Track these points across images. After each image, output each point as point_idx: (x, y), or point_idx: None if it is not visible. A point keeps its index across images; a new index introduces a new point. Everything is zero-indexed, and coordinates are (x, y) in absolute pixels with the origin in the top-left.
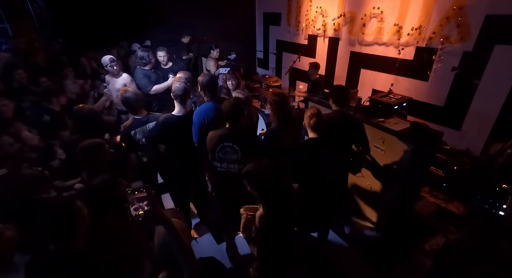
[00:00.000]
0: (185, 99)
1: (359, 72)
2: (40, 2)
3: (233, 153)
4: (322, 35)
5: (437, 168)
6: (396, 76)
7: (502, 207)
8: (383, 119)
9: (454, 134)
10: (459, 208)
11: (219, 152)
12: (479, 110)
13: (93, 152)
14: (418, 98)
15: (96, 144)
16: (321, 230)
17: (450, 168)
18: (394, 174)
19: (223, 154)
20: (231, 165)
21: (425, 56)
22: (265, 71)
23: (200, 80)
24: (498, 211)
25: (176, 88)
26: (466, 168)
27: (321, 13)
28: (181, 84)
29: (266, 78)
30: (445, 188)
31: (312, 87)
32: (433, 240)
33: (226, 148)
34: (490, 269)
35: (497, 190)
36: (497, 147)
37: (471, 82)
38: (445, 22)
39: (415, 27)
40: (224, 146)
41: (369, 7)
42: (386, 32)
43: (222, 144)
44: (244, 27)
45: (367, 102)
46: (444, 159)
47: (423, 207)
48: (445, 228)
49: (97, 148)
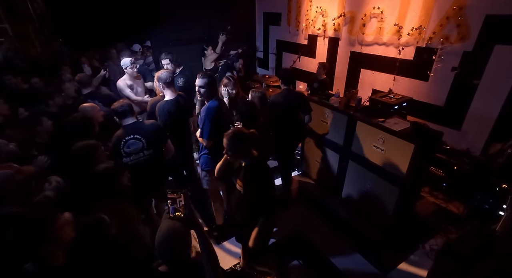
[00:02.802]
0: (172, 84)
1: (359, 72)
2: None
3: (138, 143)
4: (322, 35)
5: (437, 168)
6: (396, 76)
7: (502, 207)
8: (383, 119)
9: (454, 134)
10: (459, 208)
11: (124, 148)
12: (479, 110)
13: (89, 153)
14: (418, 98)
15: (92, 145)
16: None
17: (450, 168)
18: (394, 174)
19: (128, 147)
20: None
21: (425, 56)
22: (265, 71)
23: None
24: (498, 211)
25: (164, 76)
26: (466, 168)
27: (321, 13)
28: (165, 72)
29: (266, 78)
30: (445, 188)
31: (319, 87)
32: (433, 240)
33: (129, 141)
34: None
35: (497, 190)
36: (497, 147)
37: (471, 82)
38: (445, 22)
39: (415, 27)
40: (126, 140)
41: (369, 7)
42: (386, 32)
43: (124, 139)
44: (244, 27)
45: (367, 102)
46: (444, 159)
47: (423, 207)
48: (445, 228)
49: (93, 149)
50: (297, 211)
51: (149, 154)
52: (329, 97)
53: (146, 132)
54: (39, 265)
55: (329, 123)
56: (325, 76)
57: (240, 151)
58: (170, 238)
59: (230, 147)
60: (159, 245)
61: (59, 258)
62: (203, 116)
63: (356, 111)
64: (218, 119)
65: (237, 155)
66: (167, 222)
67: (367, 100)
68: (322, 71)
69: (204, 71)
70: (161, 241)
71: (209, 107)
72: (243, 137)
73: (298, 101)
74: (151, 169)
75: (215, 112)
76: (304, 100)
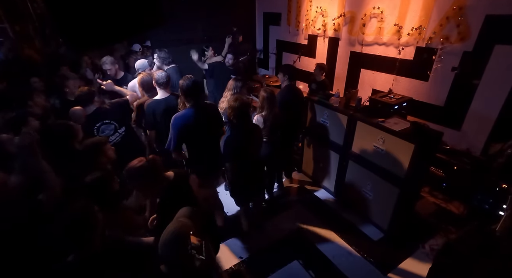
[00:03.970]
0: (168, 85)
1: (359, 72)
2: (40, 2)
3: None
4: (322, 35)
5: (437, 168)
6: (396, 76)
7: (502, 207)
8: (383, 119)
9: (454, 134)
10: (459, 208)
11: (99, 134)
12: (479, 110)
13: (99, 147)
14: (418, 98)
15: (101, 140)
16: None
17: (450, 168)
18: (394, 174)
19: (102, 132)
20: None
21: (425, 56)
22: (265, 71)
23: (181, 84)
24: (498, 211)
25: (159, 77)
26: (466, 168)
27: (321, 13)
28: (163, 73)
29: (266, 78)
30: (445, 188)
31: (318, 88)
32: (433, 240)
33: (101, 127)
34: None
35: (497, 190)
36: (497, 147)
37: (471, 82)
38: (445, 22)
39: (415, 27)
40: (98, 127)
41: (369, 7)
42: (386, 32)
43: (95, 127)
44: (244, 27)
45: (367, 102)
46: (444, 159)
47: (423, 207)
48: (445, 228)
49: (102, 144)
50: (297, 211)
51: (123, 131)
52: (329, 97)
53: (112, 114)
54: (80, 254)
55: (329, 123)
56: (323, 77)
57: (148, 186)
58: (172, 241)
59: (134, 185)
60: (162, 246)
61: (97, 244)
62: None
63: (356, 111)
64: (187, 130)
65: (146, 192)
66: (175, 223)
67: (367, 100)
68: (319, 72)
69: (187, 76)
70: (164, 242)
71: (176, 116)
72: (147, 170)
73: (302, 96)
74: (130, 146)
75: (182, 121)
76: (303, 96)
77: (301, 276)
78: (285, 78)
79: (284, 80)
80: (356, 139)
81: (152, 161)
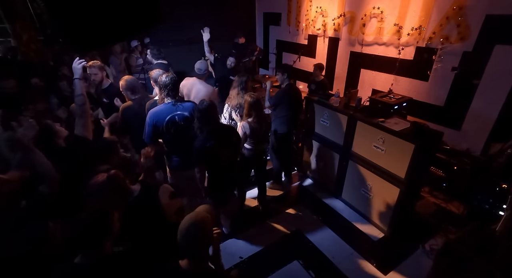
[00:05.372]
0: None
1: (359, 72)
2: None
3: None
4: (322, 35)
5: (437, 168)
6: (396, 76)
7: (502, 207)
8: (383, 119)
9: (454, 134)
10: (459, 208)
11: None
12: (479, 110)
13: (112, 147)
14: (418, 98)
15: (114, 140)
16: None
17: (450, 168)
18: (394, 174)
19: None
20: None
21: (425, 56)
22: (265, 71)
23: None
24: (498, 211)
25: (163, 80)
26: (466, 168)
27: (321, 13)
28: (168, 76)
29: (266, 78)
30: (445, 188)
31: (317, 88)
32: (433, 240)
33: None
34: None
35: (497, 190)
36: (497, 147)
37: (471, 82)
38: (445, 22)
39: (415, 27)
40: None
41: (369, 7)
42: (386, 32)
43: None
44: (244, 27)
45: (367, 102)
46: (444, 159)
47: (423, 207)
48: (445, 228)
49: (115, 144)
50: (297, 211)
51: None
52: (329, 97)
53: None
54: (93, 257)
55: (329, 123)
56: (322, 77)
57: (110, 202)
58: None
59: (95, 202)
60: (182, 235)
61: (110, 248)
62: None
63: (356, 111)
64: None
65: (109, 208)
66: (194, 215)
67: (367, 100)
68: (318, 72)
69: (168, 73)
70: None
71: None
72: (108, 186)
73: (300, 96)
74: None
75: (155, 117)
76: (301, 96)
77: (301, 276)
78: (284, 76)
79: (284, 79)
80: (356, 138)
81: (113, 177)
